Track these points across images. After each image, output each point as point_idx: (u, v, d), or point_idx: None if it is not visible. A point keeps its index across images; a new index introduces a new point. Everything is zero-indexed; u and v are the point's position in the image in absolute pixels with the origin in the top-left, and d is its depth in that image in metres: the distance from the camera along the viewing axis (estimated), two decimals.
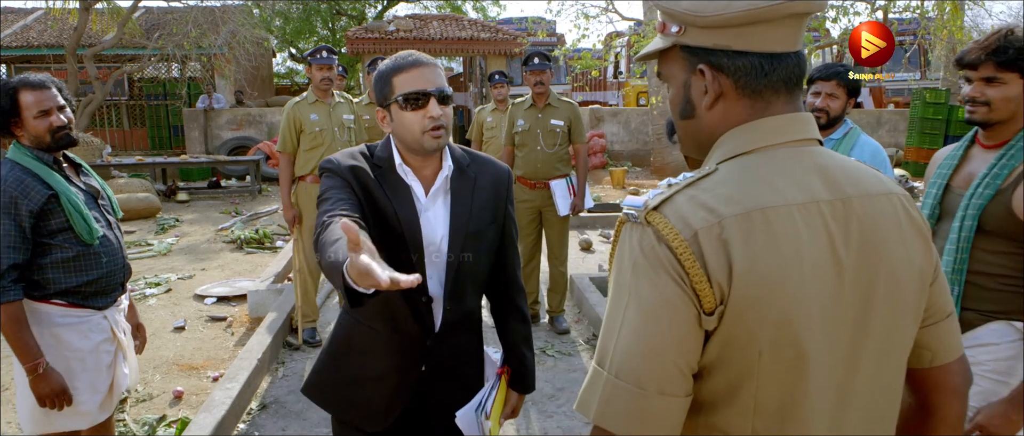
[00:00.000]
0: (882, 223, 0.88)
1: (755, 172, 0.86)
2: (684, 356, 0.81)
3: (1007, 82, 1.66)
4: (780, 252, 0.81)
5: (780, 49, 0.88)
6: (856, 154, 2.46)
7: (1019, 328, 1.70)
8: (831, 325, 0.84)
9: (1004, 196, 1.66)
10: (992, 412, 1.64)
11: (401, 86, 1.47)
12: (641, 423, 0.81)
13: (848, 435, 0.89)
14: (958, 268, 1.74)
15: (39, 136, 2.07)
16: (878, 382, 0.91)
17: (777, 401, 0.84)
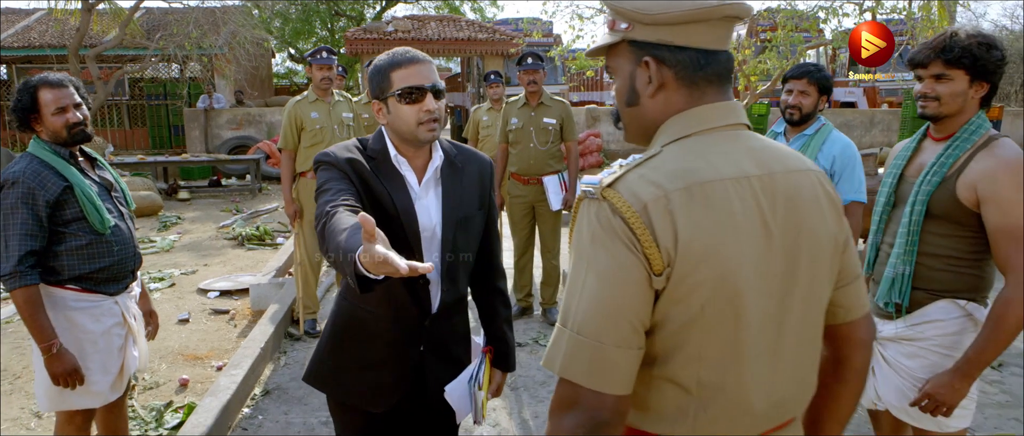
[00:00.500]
0: (803, 195, 1.03)
1: (694, 152, 1.00)
2: (637, 313, 0.94)
3: (954, 78, 1.80)
4: (717, 220, 0.94)
5: (713, 47, 1.03)
6: (827, 148, 2.61)
7: (963, 306, 1.85)
8: (763, 282, 0.98)
9: (949, 183, 1.81)
10: (939, 381, 1.80)
11: (399, 81, 1.57)
12: (601, 374, 0.93)
13: (779, 379, 1.03)
14: (909, 250, 1.89)
15: (56, 131, 2.21)
16: (803, 333, 1.05)
17: (718, 350, 0.98)
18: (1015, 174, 1.72)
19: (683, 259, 0.93)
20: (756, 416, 1.02)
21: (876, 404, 2.06)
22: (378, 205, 1.59)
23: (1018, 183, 1.71)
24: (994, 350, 1.74)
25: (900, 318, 1.94)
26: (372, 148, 1.64)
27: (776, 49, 8.07)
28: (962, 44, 1.77)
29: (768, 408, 1.03)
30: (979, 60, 1.77)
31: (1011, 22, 20.28)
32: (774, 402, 1.04)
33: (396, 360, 1.71)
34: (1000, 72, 1.82)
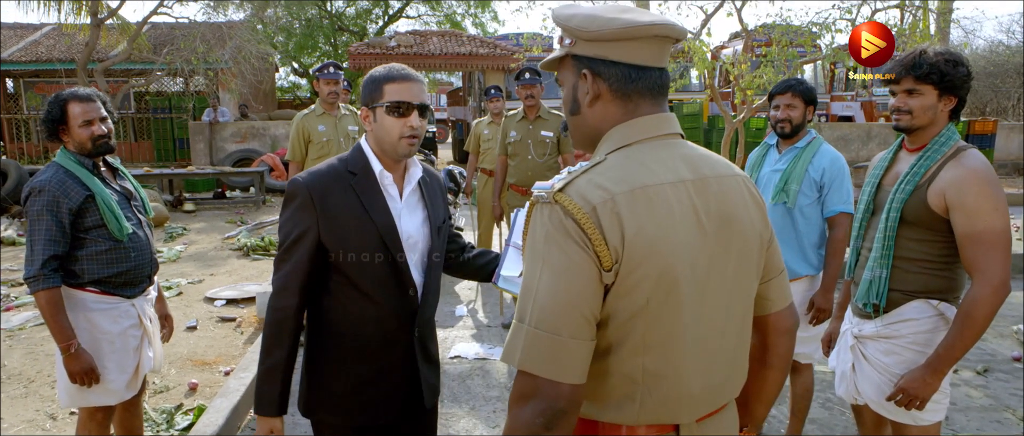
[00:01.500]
0: (732, 197, 1.14)
1: (635, 159, 1.09)
2: (589, 306, 1.02)
3: (924, 93, 1.94)
4: (658, 220, 1.04)
5: (646, 63, 1.13)
6: (817, 161, 2.73)
7: (936, 306, 1.98)
8: (699, 275, 1.08)
9: (921, 192, 1.94)
10: (912, 376, 1.93)
11: (390, 94, 1.66)
12: (557, 364, 1.00)
13: (715, 366, 1.13)
14: (885, 254, 2.02)
15: (82, 143, 2.35)
16: (735, 323, 1.16)
17: (660, 340, 1.06)
18: (980, 182, 1.84)
19: (629, 256, 1.01)
20: (696, 400, 1.12)
21: (857, 399, 2.18)
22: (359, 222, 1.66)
23: (983, 191, 1.83)
24: (962, 346, 1.86)
25: (878, 318, 2.06)
26: (353, 164, 1.71)
27: (772, 64, 8.22)
28: (930, 61, 1.91)
29: (706, 393, 1.13)
30: (946, 76, 1.90)
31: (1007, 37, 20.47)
32: (711, 386, 1.14)
33: (397, 370, 1.76)
34: (966, 87, 1.95)
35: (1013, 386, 3.70)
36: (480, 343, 4.46)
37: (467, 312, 5.17)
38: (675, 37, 1.15)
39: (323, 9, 22.80)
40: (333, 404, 1.75)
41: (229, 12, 14.85)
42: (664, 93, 1.18)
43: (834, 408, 3.45)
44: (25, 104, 16.07)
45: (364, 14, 23.93)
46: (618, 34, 1.10)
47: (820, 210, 2.75)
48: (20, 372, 3.90)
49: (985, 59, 18.41)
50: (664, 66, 1.17)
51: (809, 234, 2.76)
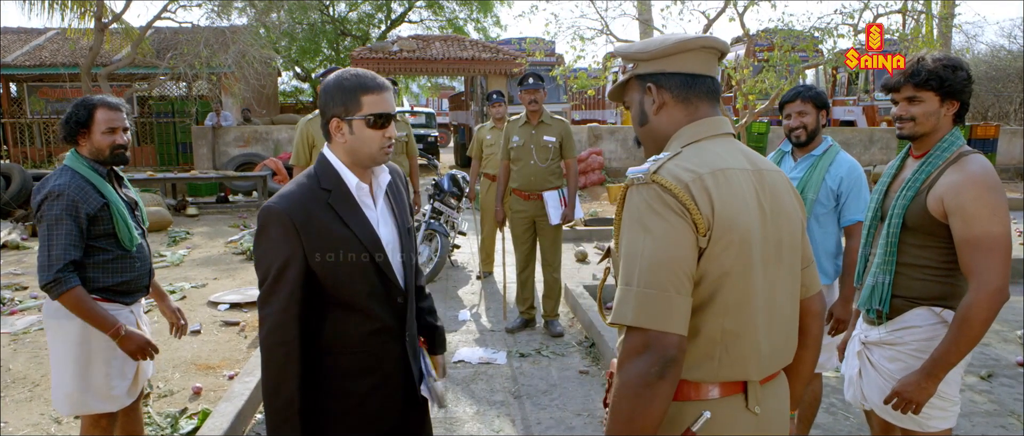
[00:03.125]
0: (780, 188, 1.33)
1: (707, 150, 1.27)
2: (689, 265, 1.17)
3: (925, 100, 1.94)
4: (737, 196, 1.22)
5: (698, 71, 1.33)
6: (834, 170, 2.71)
7: (938, 313, 1.97)
8: (764, 250, 1.25)
9: (921, 197, 1.94)
10: (907, 381, 1.92)
11: (370, 106, 1.60)
12: (667, 317, 1.14)
13: (774, 332, 1.29)
14: (888, 260, 2.02)
15: (101, 150, 2.34)
16: (788, 297, 1.33)
17: (738, 302, 1.22)
18: (978, 187, 1.84)
19: (718, 224, 1.19)
20: (763, 360, 1.28)
21: (863, 404, 2.18)
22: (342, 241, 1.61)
23: (980, 196, 1.83)
24: (957, 352, 1.85)
25: (883, 324, 2.06)
26: (325, 180, 1.64)
27: (774, 69, 8.23)
28: (929, 67, 1.92)
29: (771, 354, 1.29)
30: (946, 81, 1.91)
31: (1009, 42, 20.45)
32: (775, 349, 1.30)
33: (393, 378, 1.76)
34: (968, 91, 1.94)
35: (1017, 391, 3.69)
36: (483, 348, 4.46)
37: (470, 317, 5.18)
38: (719, 48, 1.35)
39: (326, 14, 22.88)
40: (339, 423, 1.71)
41: (232, 17, 14.89)
42: (718, 97, 1.37)
43: (838, 413, 3.45)
44: (29, 108, 16.12)
45: (367, 19, 24.00)
46: (671, 50, 1.31)
47: (837, 219, 2.72)
48: (25, 376, 3.91)
49: (987, 64, 18.41)
50: (715, 75, 1.36)
51: (825, 243, 2.74)
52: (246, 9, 14.98)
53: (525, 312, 4.82)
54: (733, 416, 1.27)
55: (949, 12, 12.30)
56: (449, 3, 24.33)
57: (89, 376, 2.34)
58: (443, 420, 3.43)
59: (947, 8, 12.35)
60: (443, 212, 6.52)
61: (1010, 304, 5.34)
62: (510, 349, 4.44)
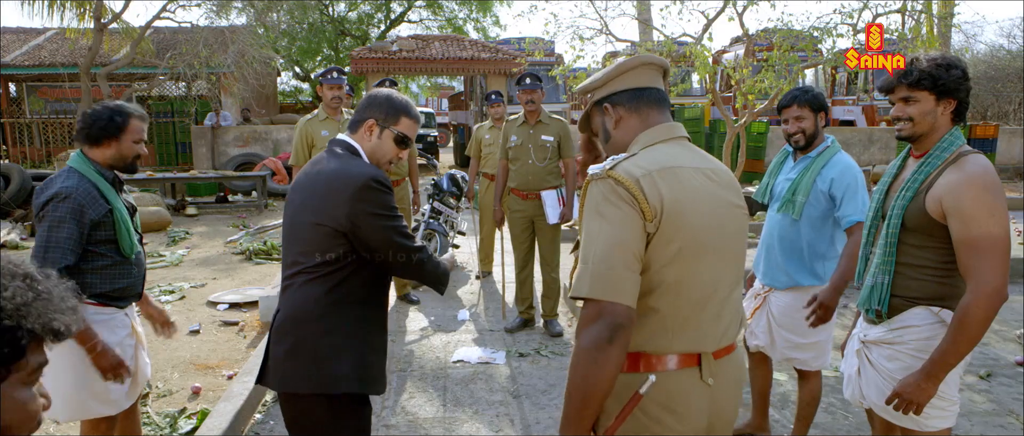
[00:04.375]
0: (730, 187, 1.53)
1: (661, 152, 1.47)
2: (637, 247, 1.36)
3: (920, 100, 1.94)
4: (686, 190, 1.41)
5: (643, 85, 1.55)
6: (826, 171, 2.68)
7: (936, 313, 1.97)
8: (711, 238, 1.43)
9: (920, 197, 1.94)
10: (907, 382, 1.92)
11: (404, 127, 1.96)
12: (616, 289, 1.33)
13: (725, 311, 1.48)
14: (887, 260, 2.02)
15: (125, 157, 2.34)
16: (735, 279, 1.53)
17: (687, 283, 1.40)
18: (976, 188, 1.83)
19: (667, 213, 1.37)
20: (713, 335, 1.46)
21: (862, 402, 2.18)
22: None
23: (978, 197, 1.82)
24: (956, 353, 1.85)
25: (883, 323, 2.06)
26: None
27: (773, 68, 8.23)
28: (922, 67, 1.92)
29: (719, 331, 1.47)
30: (939, 80, 1.90)
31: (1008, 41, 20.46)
32: (723, 327, 1.48)
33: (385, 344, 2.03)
34: (963, 88, 1.93)
35: (1016, 391, 3.69)
36: (482, 347, 4.46)
37: (469, 316, 5.17)
38: (660, 64, 1.58)
39: (325, 13, 22.87)
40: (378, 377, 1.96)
41: (231, 17, 14.89)
42: (666, 104, 1.58)
43: (837, 412, 3.45)
44: (28, 108, 16.11)
45: (366, 18, 24.00)
46: (616, 72, 1.56)
47: (831, 221, 2.69)
48: None
49: (986, 63, 18.41)
50: (659, 86, 1.58)
51: (816, 245, 2.72)
52: (246, 9, 14.98)
53: (524, 312, 4.82)
54: (689, 386, 1.44)
55: (948, 12, 12.30)
56: (448, 3, 24.33)
57: (87, 380, 2.31)
58: (442, 420, 3.43)
59: (946, 8, 12.35)
60: (442, 212, 6.52)
61: (1010, 304, 5.34)
62: (509, 349, 4.44)
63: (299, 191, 1.94)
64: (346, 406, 1.91)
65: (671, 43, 8.85)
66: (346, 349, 1.87)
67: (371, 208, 1.82)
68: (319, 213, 1.84)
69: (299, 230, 1.89)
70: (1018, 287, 5.79)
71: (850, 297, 5.49)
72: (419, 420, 3.44)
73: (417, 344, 4.58)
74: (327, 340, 1.85)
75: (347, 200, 1.81)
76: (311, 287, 1.85)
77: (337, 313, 1.86)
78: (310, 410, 1.89)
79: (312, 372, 1.85)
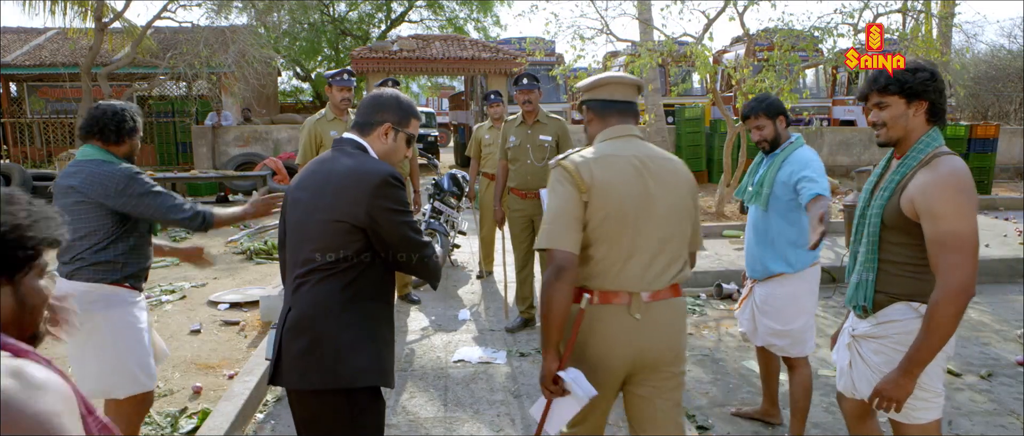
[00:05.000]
0: (666, 169, 2.04)
1: (609, 146, 2.05)
2: (577, 212, 1.94)
3: (891, 104, 2.02)
4: (615, 173, 1.96)
5: (612, 97, 2.11)
6: (787, 165, 2.87)
7: (916, 308, 2.03)
8: (636, 206, 1.95)
9: (895, 197, 2.02)
10: (886, 379, 1.98)
11: (414, 128, 2.07)
12: (560, 240, 1.91)
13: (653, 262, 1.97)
14: (871, 258, 2.09)
15: (135, 152, 2.63)
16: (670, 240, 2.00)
17: (617, 239, 1.95)
18: (946, 188, 1.90)
19: (595, 189, 1.94)
20: (643, 281, 1.97)
21: (854, 394, 2.23)
22: None
23: (948, 196, 1.89)
24: (929, 348, 1.92)
25: (868, 318, 2.13)
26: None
27: (774, 68, 8.24)
28: (889, 73, 2.04)
29: (649, 279, 1.98)
30: (906, 83, 1.99)
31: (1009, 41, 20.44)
32: (654, 273, 1.98)
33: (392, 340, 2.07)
34: (932, 88, 2.00)
35: (1016, 390, 3.70)
36: (483, 347, 4.46)
37: (470, 316, 5.18)
38: (632, 82, 2.15)
39: (326, 13, 22.87)
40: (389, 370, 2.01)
41: (232, 16, 14.90)
42: (629, 112, 2.13)
43: (837, 412, 3.45)
44: (28, 108, 16.12)
45: (367, 18, 24.00)
46: (594, 85, 2.15)
47: (799, 210, 2.83)
48: None
49: (986, 63, 18.39)
50: (628, 98, 2.13)
51: (785, 233, 2.88)
52: (246, 9, 14.98)
53: (525, 311, 4.82)
54: (618, 317, 1.97)
55: (949, 11, 12.30)
56: (449, 3, 24.33)
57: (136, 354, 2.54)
58: (443, 419, 3.44)
59: (947, 8, 12.35)
60: (443, 212, 6.52)
61: (1010, 304, 5.34)
62: (510, 348, 4.44)
63: (306, 189, 1.96)
64: (364, 401, 1.93)
65: (672, 43, 8.86)
66: (364, 343, 1.90)
67: (390, 204, 1.88)
68: (335, 210, 1.86)
69: (312, 228, 1.91)
70: (1018, 287, 5.79)
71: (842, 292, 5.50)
72: (420, 420, 3.44)
73: (418, 344, 4.58)
74: (347, 335, 1.88)
75: (367, 196, 1.85)
76: (328, 284, 1.87)
77: (354, 309, 1.89)
78: (329, 407, 1.91)
79: (332, 367, 1.87)
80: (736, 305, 3.27)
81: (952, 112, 15.94)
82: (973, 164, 11.12)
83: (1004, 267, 6.20)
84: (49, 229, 1.05)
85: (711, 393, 3.69)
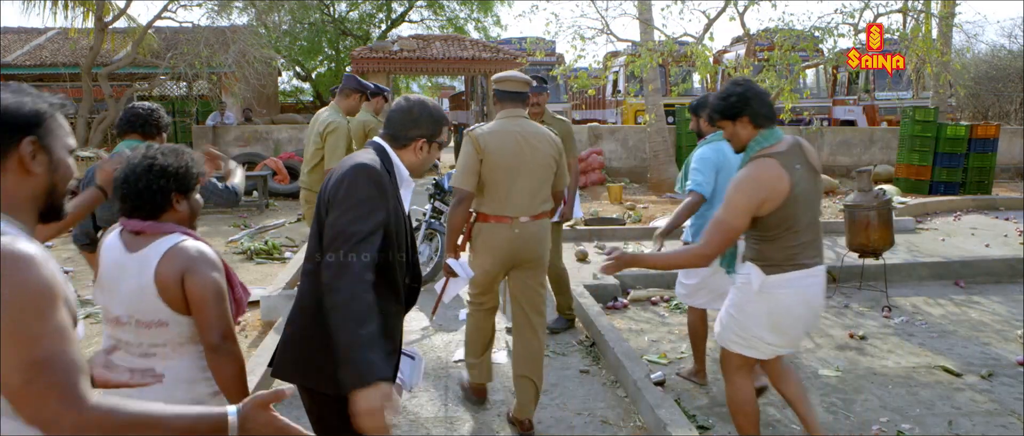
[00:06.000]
0: (536, 141, 3.16)
1: (500, 123, 3.19)
2: (474, 164, 3.10)
3: (724, 126, 2.62)
4: (499, 141, 3.11)
5: (510, 90, 3.22)
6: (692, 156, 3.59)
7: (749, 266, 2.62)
8: (516, 161, 3.10)
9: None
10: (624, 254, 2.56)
11: (444, 136, 2.06)
12: (460, 181, 3.11)
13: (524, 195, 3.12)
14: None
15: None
16: (537, 182, 3.16)
17: (499, 184, 3.11)
18: (732, 183, 2.51)
19: (486, 150, 3.08)
20: (519, 209, 3.13)
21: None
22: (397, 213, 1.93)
23: (732, 188, 2.49)
24: (657, 262, 2.84)
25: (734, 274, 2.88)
26: (385, 163, 1.93)
27: (774, 68, 8.24)
28: (710, 104, 2.71)
29: (523, 208, 3.13)
30: (717, 110, 2.59)
31: (1009, 41, 20.43)
32: (527, 203, 3.14)
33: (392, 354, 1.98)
34: (744, 105, 2.51)
35: (1017, 391, 3.69)
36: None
37: None
38: (521, 79, 3.25)
39: (326, 13, 22.88)
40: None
41: (233, 16, 14.91)
42: (521, 100, 3.24)
43: (838, 412, 3.45)
44: None
45: (367, 18, 24.01)
46: (497, 80, 3.28)
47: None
48: None
49: (987, 63, 18.39)
50: (520, 91, 3.21)
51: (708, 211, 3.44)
52: (247, 9, 14.99)
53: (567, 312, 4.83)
54: (503, 231, 3.14)
55: (949, 11, 12.29)
56: (449, 3, 24.34)
57: None
58: (443, 420, 3.44)
59: (947, 8, 12.35)
60: (444, 212, 6.52)
61: (1010, 304, 5.35)
62: (510, 348, 4.44)
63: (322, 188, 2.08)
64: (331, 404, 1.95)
65: (672, 43, 8.86)
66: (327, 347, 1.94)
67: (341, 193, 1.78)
68: (322, 205, 1.89)
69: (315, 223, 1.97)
70: (1018, 287, 5.79)
71: (851, 297, 5.50)
72: (420, 420, 3.44)
73: (418, 344, 4.58)
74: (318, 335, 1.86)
75: (330, 188, 1.84)
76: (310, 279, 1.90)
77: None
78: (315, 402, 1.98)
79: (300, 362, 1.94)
80: None
81: (952, 112, 15.93)
82: (974, 164, 11.10)
83: (1004, 267, 6.20)
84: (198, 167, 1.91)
85: (711, 393, 3.69)
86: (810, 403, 2.88)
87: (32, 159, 1.13)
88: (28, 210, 1.15)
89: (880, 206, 5.21)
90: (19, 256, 1.02)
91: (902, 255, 6.76)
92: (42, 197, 1.17)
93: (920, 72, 14.15)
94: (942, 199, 10.28)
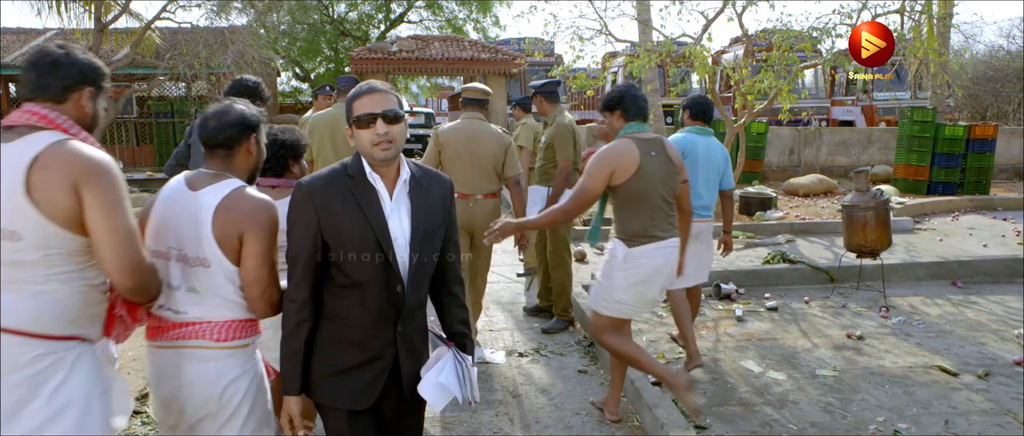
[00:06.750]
0: (485, 138, 4.08)
1: (459, 123, 4.16)
2: (436, 156, 4.08)
3: (604, 117, 3.21)
4: (455, 135, 4.08)
5: (470, 97, 4.20)
6: None
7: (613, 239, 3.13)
8: (463, 152, 4.04)
9: None
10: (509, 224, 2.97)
11: (357, 110, 1.81)
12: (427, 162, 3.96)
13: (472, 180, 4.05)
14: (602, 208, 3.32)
15: None
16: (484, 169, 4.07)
17: (457, 167, 4.00)
18: (595, 156, 3.04)
19: (443, 144, 4.07)
20: (471, 188, 4.04)
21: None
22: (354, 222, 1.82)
23: (594, 160, 3.01)
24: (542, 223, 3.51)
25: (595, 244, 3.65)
26: (351, 168, 1.87)
27: (772, 69, 8.25)
28: (600, 100, 3.29)
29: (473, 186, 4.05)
30: (604, 104, 3.20)
31: (1007, 42, 20.48)
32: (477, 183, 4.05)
33: (376, 362, 1.89)
34: (616, 100, 3.11)
35: (1014, 390, 3.71)
36: (483, 347, 4.47)
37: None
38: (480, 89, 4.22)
39: (325, 14, 22.88)
40: (320, 387, 1.90)
41: (231, 17, 14.90)
42: (480, 105, 4.17)
43: (836, 412, 3.46)
44: None
45: (366, 19, 24.03)
46: (462, 91, 4.32)
47: None
48: None
49: (985, 64, 18.43)
50: (479, 98, 4.18)
51: None
52: (246, 9, 14.99)
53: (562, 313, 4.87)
54: (462, 205, 3.94)
55: (947, 12, 12.32)
56: (448, 3, 24.37)
57: None
58: (443, 419, 3.44)
59: (945, 8, 12.37)
60: None
61: (1008, 304, 5.36)
62: (509, 349, 4.45)
63: None
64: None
65: (670, 43, 8.88)
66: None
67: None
68: None
69: None
70: (1016, 287, 5.81)
71: (849, 297, 5.52)
72: None
73: None
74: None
75: None
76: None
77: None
78: None
79: None
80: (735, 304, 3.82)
81: (950, 112, 15.95)
82: (971, 164, 11.14)
83: (1002, 267, 6.21)
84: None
85: (710, 393, 3.70)
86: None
87: (256, 146, 1.95)
88: (247, 177, 1.95)
89: (878, 206, 5.23)
90: (269, 203, 1.87)
91: (900, 255, 6.77)
92: (254, 170, 1.99)
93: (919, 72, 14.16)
94: (940, 199, 10.31)
